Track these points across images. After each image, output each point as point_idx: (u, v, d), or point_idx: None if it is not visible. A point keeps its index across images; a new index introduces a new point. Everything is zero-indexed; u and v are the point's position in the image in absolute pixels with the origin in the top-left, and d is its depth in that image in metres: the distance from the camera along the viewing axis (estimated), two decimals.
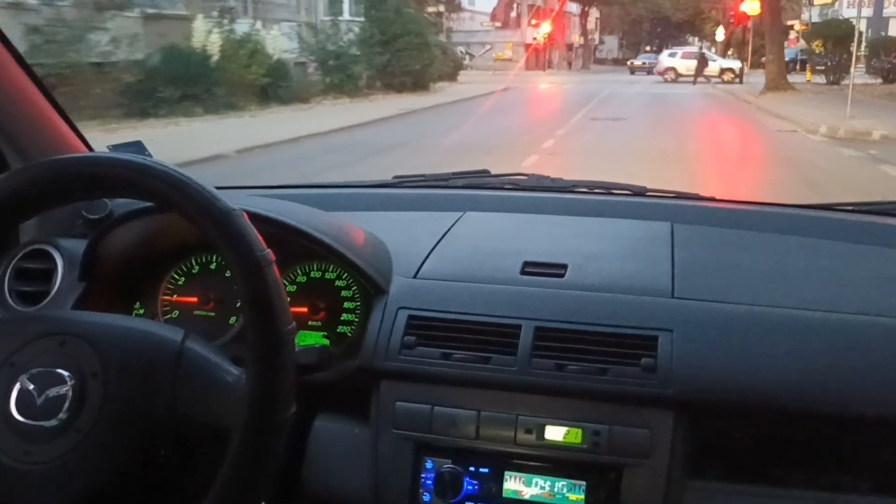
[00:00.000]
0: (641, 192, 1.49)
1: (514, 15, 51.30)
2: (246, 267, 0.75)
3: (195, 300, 1.19)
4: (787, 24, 37.25)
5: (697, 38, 63.12)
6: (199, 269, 1.21)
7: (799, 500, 0.96)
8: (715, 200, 1.49)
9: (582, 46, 58.13)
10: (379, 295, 1.10)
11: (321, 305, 1.16)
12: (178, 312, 1.19)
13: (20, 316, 1.11)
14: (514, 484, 0.99)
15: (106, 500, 0.78)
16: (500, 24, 49.66)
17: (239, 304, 1.13)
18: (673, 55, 33.83)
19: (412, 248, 1.22)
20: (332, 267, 1.17)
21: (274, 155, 9.80)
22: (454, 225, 1.33)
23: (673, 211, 1.40)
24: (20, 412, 0.78)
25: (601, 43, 65.89)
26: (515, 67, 43.25)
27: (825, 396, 0.95)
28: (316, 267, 1.18)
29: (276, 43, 17.28)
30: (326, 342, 1.14)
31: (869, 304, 1.05)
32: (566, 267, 1.15)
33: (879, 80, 21.33)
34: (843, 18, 23.58)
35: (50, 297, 1.16)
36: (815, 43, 23.42)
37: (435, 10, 36.07)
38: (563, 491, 0.98)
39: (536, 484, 0.99)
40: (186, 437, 0.86)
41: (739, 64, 30.82)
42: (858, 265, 1.20)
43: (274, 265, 0.77)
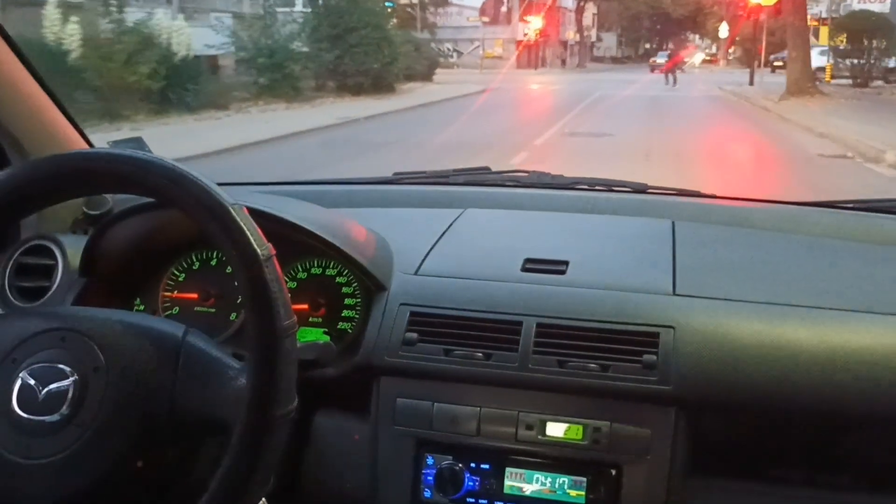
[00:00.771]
0: (642, 189, 1.50)
1: (504, 10, 48.65)
2: (246, 261, 0.74)
3: (195, 296, 1.20)
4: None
5: (698, 35, 61.13)
6: (199, 265, 1.22)
7: (798, 497, 0.98)
8: (716, 198, 1.50)
9: (578, 43, 55.61)
10: (380, 291, 1.11)
11: (322, 302, 1.16)
12: (178, 309, 1.20)
13: (21, 312, 1.14)
14: (514, 480, 1.00)
15: (107, 494, 0.78)
16: (487, 19, 46.64)
17: (239, 300, 1.15)
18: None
19: (413, 244, 1.23)
20: (332, 263, 1.18)
21: None
22: (455, 221, 1.34)
23: (674, 208, 1.42)
24: (21, 407, 0.77)
25: (598, 40, 63.60)
26: (506, 66, 41.72)
27: (825, 394, 0.95)
28: (317, 263, 1.19)
29: (187, 37, 13.94)
30: (327, 339, 1.13)
31: (870, 300, 1.05)
32: (567, 264, 1.16)
33: None
34: (857, 10, 20.48)
35: (50, 292, 1.18)
36: (838, 38, 20.05)
37: (409, 1, 32.97)
38: (563, 487, 0.99)
39: (537, 480, 0.99)
40: (187, 431, 0.83)
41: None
42: (859, 262, 1.20)
43: (274, 259, 0.76)
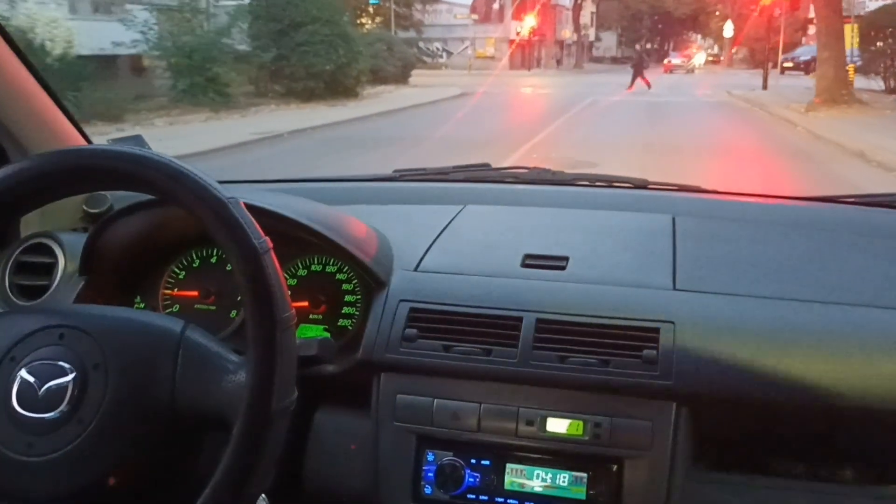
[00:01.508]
0: (643, 184, 1.49)
1: (496, 7, 46.07)
2: (243, 254, 0.74)
3: (196, 294, 1.19)
4: (806, 17, 33.18)
5: (700, 35, 59.80)
6: (199, 262, 1.21)
7: (799, 490, 0.97)
8: (717, 193, 1.49)
9: (575, 43, 53.00)
10: (380, 288, 1.10)
11: (322, 299, 1.16)
12: (178, 306, 1.19)
13: (20, 310, 1.13)
14: (515, 476, 0.99)
15: (108, 490, 0.78)
16: (477, 16, 44.12)
17: (239, 297, 1.14)
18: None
19: (413, 241, 1.22)
20: (332, 260, 1.18)
21: None
22: (455, 218, 1.32)
23: (675, 204, 1.40)
24: (21, 405, 0.77)
25: (598, 40, 61.21)
26: (497, 66, 39.17)
27: (825, 389, 0.94)
28: (317, 260, 1.18)
29: (67, 32, 11.09)
30: (327, 335, 1.13)
31: (871, 295, 1.04)
32: (567, 259, 1.15)
33: None
34: (890, 4, 17.53)
35: (50, 291, 1.17)
36: (870, 37, 17.04)
37: None
38: (564, 483, 0.98)
39: (538, 476, 0.99)
40: (188, 426, 0.82)
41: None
42: (860, 257, 1.18)
43: (272, 252, 0.76)
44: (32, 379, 0.77)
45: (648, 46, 57.57)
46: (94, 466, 0.76)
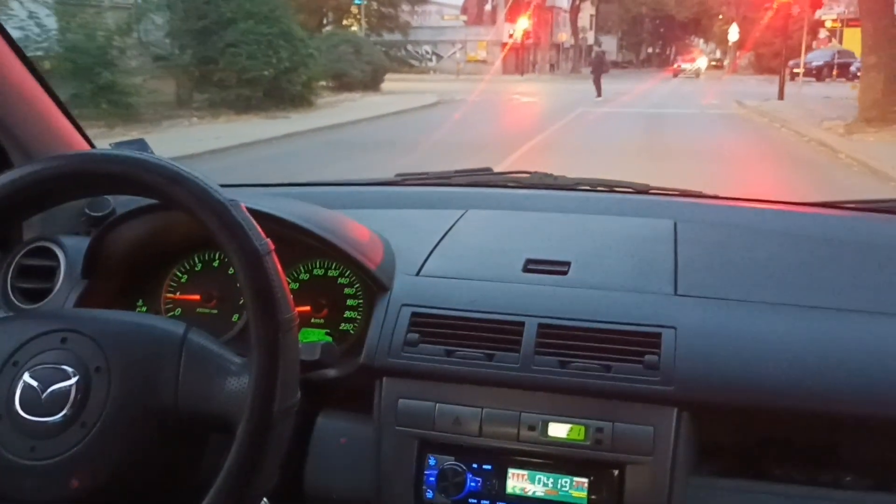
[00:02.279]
0: (644, 189, 1.50)
1: (488, 8, 43.69)
2: (245, 256, 0.75)
3: (198, 298, 1.19)
4: (817, 18, 30.76)
5: (703, 39, 58.03)
6: (201, 266, 1.21)
7: (800, 497, 0.96)
8: (718, 198, 1.48)
9: (572, 47, 50.62)
10: (382, 292, 1.10)
11: (324, 303, 1.16)
12: (180, 310, 1.19)
13: (22, 313, 1.12)
14: (517, 481, 1.00)
15: (112, 493, 0.78)
16: (466, 17, 41.75)
17: (241, 301, 1.15)
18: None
19: (415, 245, 1.22)
20: (334, 264, 1.18)
21: None
22: (457, 222, 1.32)
23: (676, 209, 1.40)
24: (24, 409, 0.77)
25: (597, 44, 58.63)
26: (489, 71, 36.78)
27: (826, 395, 0.94)
28: (319, 265, 1.18)
29: None
30: (329, 339, 1.13)
31: (872, 301, 1.05)
32: (569, 264, 1.15)
33: None
34: None
35: (52, 294, 1.16)
36: None
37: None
38: (566, 488, 0.98)
39: (539, 481, 0.99)
40: (191, 428, 0.83)
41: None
42: (862, 263, 1.19)
43: (273, 254, 0.76)
44: (35, 383, 0.77)
45: (650, 51, 55.47)
46: (97, 469, 0.76)
